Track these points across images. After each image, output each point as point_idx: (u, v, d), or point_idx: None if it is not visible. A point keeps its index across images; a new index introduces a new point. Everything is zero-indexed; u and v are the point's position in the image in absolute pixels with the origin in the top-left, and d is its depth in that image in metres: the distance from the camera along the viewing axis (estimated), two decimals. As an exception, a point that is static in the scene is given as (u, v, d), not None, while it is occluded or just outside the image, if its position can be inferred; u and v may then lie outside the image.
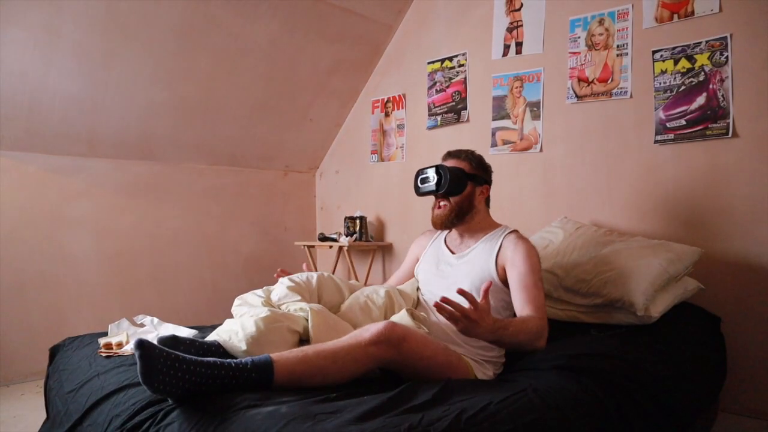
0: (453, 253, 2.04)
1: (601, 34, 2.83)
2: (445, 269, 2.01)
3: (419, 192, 2.04)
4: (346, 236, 3.85)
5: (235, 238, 4.15)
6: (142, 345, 1.17)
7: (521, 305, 1.77)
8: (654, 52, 2.63)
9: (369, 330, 1.41)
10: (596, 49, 2.85)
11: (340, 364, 1.34)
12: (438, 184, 1.95)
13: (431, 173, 1.98)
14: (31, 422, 2.45)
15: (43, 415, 1.84)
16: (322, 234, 4.06)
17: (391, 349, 1.40)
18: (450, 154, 2.06)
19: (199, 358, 1.24)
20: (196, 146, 3.84)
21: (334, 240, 3.90)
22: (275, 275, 1.98)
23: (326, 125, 4.36)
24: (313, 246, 4.15)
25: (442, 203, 2.00)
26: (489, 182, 2.08)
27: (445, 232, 2.14)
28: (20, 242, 3.20)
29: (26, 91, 2.98)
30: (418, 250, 2.23)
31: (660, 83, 2.62)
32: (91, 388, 1.50)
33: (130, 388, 1.38)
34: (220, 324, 1.79)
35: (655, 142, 2.63)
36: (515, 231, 1.98)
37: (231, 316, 1.77)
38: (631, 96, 2.72)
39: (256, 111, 3.91)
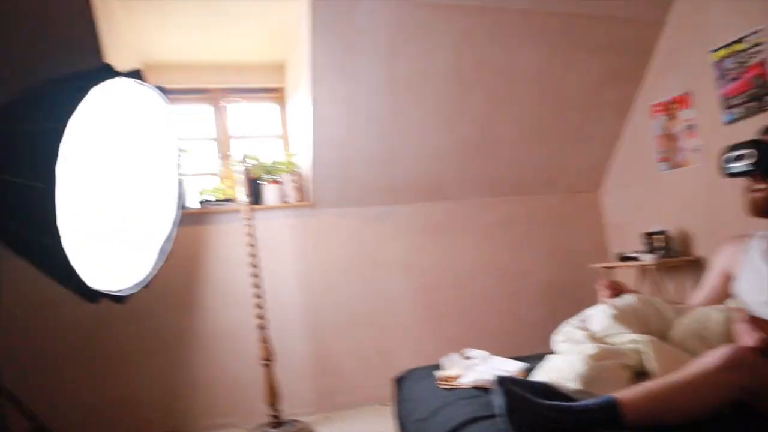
0: None
1: None
2: None
3: (729, 172, 1.76)
4: (649, 253, 3.61)
5: (527, 266, 4.23)
6: (504, 382, 1.31)
7: None
8: None
9: (714, 356, 1.32)
10: None
11: (689, 395, 1.29)
12: (757, 161, 1.67)
13: (746, 149, 1.71)
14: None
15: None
16: (621, 253, 3.87)
17: (744, 375, 1.30)
18: None
19: (548, 402, 1.33)
20: (480, 180, 4.11)
21: (636, 259, 3.69)
22: (600, 289, 1.88)
23: (604, 139, 4.23)
24: (612, 267, 3.99)
25: (761, 185, 1.72)
26: None
27: (759, 236, 1.85)
28: (348, 285, 3.82)
29: (335, 155, 3.61)
30: (727, 263, 1.90)
31: None
32: (443, 417, 1.68)
33: (481, 421, 1.51)
34: (536, 355, 1.85)
35: None
36: None
37: (544, 348, 1.80)
38: None
39: (532, 138, 4.02)
